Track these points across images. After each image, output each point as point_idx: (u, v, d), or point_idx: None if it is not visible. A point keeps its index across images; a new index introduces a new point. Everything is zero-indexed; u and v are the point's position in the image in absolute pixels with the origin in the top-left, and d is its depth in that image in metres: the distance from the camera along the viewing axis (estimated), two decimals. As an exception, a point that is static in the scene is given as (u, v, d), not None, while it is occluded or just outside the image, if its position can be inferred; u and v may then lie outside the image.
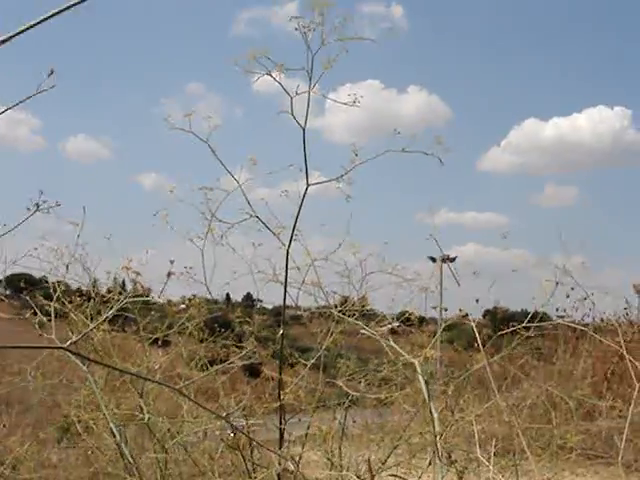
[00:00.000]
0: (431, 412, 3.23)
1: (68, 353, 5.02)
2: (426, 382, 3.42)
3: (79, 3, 1.41)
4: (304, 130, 4.78)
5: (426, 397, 3.27)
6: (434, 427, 3.19)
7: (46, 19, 1.36)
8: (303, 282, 5.54)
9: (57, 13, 1.39)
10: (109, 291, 5.86)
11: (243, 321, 6.25)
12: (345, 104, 4.59)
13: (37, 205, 3.16)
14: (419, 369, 3.43)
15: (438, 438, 3.20)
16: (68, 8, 1.46)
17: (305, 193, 4.98)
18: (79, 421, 6.05)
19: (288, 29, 4.56)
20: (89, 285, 6.10)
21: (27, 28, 1.35)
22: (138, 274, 2.14)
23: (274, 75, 4.50)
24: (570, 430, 6.29)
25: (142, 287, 2.13)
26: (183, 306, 6.69)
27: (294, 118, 4.75)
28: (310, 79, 4.62)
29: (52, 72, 3.00)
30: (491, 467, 3.73)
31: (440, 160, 5.06)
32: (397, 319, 6.50)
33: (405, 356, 3.67)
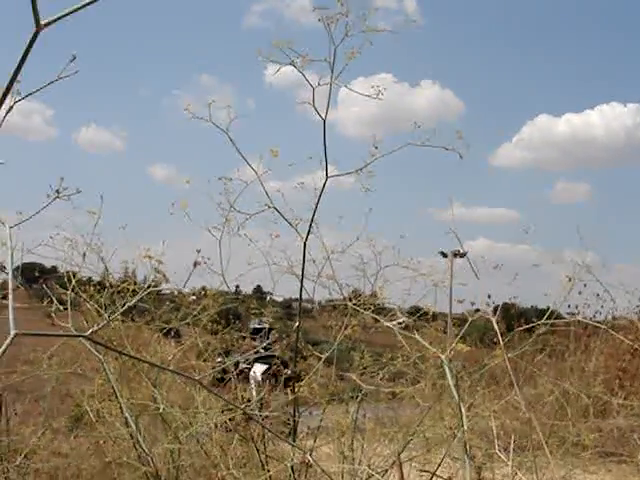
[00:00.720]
0: (460, 408, 3.20)
1: (86, 342, 5.02)
2: (455, 378, 3.39)
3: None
4: (324, 122, 4.75)
5: (455, 394, 3.24)
6: (463, 424, 3.16)
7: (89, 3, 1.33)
8: (319, 275, 5.52)
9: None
10: (124, 281, 5.86)
11: (258, 313, 6.24)
12: (369, 96, 4.55)
13: (57, 192, 3.13)
14: (447, 364, 3.40)
15: (466, 435, 3.17)
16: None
17: (324, 185, 4.95)
18: (92, 411, 6.06)
19: (301, 21, 4.54)
20: (104, 275, 6.10)
21: (70, 12, 1.32)
22: (160, 262, 2.11)
23: (297, 66, 4.46)
24: (585, 427, 6.26)
25: (164, 276, 2.10)
26: (193, 297, 6.69)
27: (315, 109, 4.71)
28: (332, 70, 4.58)
29: (74, 58, 2.98)
30: (509, 463, 3.71)
31: (460, 156, 5.03)
32: (409, 313, 6.47)
33: (433, 350, 3.64)
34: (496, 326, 3.88)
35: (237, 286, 9.01)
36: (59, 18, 1.30)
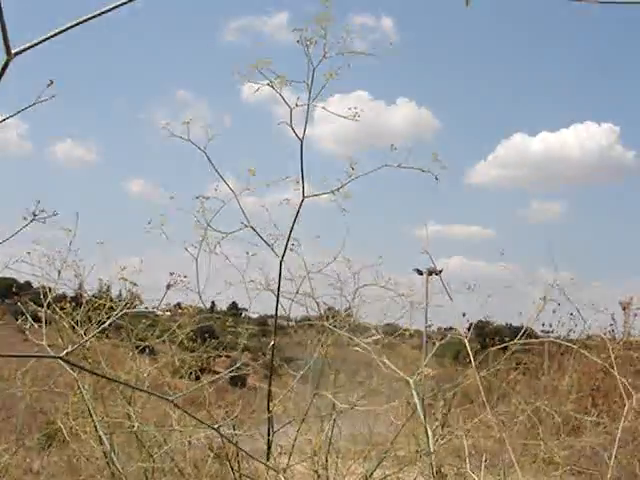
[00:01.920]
0: (426, 431, 3.24)
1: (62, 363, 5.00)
2: (422, 401, 3.44)
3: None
4: (302, 142, 4.81)
5: (421, 416, 3.28)
6: (429, 445, 3.20)
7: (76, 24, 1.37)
8: (297, 292, 5.56)
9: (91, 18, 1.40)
10: (100, 297, 5.85)
11: (234, 331, 6.25)
12: (346, 117, 4.62)
13: (34, 214, 3.14)
14: (414, 387, 3.44)
15: (433, 457, 3.21)
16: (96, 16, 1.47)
17: (301, 205, 5.00)
18: (66, 428, 6.01)
19: (278, 38, 4.61)
20: (79, 291, 6.09)
21: (41, 41, 1.36)
22: (134, 284, 2.13)
23: (275, 87, 4.52)
24: (556, 445, 6.33)
25: (139, 298, 2.12)
26: (168, 313, 6.68)
27: (293, 130, 4.77)
28: (310, 91, 4.65)
29: (51, 82, 3.03)
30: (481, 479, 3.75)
31: (436, 178, 5.10)
32: (385, 333, 6.51)
33: (400, 374, 3.68)
34: (468, 345, 3.94)
35: (213, 303, 8.98)
36: (30, 47, 1.33)
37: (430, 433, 3.26)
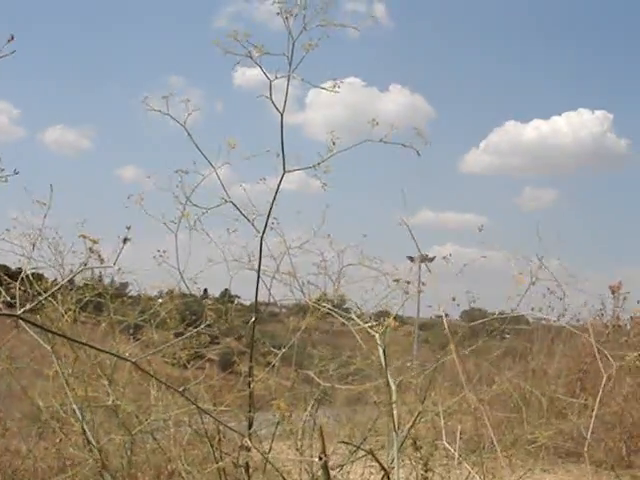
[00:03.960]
0: (387, 381, 3.22)
1: (37, 332, 4.95)
2: (384, 351, 3.41)
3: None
4: (282, 115, 4.75)
5: (385, 371, 3.25)
6: (390, 396, 3.18)
7: None
8: (277, 270, 5.50)
9: None
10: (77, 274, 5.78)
11: (220, 314, 6.17)
12: (325, 89, 4.57)
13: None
14: (379, 340, 3.41)
15: (394, 406, 3.18)
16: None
17: (281, 180, 4.95)
18: (46, 408, 5.97)
19: (270, 24, 4.55)
20: (58, 268, 6.02)
21: None
22: (95, 242, 2.07)
23: (254, 57, 4.46)
24: (540, 426, 6.31)
25: (100, 257, 2.07)
26: (160, 300, 6.62)
27: (272, 102, 4.72)
28: (290, 64, 4.59)
29: (12, 38, 2.96)
30: (456, 455, 3.72)
31: (418, 152, 5.03)
32: (375, 315, 6.45)
33: (367, 328, 3.65)
34: (446, 324, 3.90)
35: (205, 290, 8.92)
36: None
37: (392, 382, 3.24)
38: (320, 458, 3.23)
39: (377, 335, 3.42)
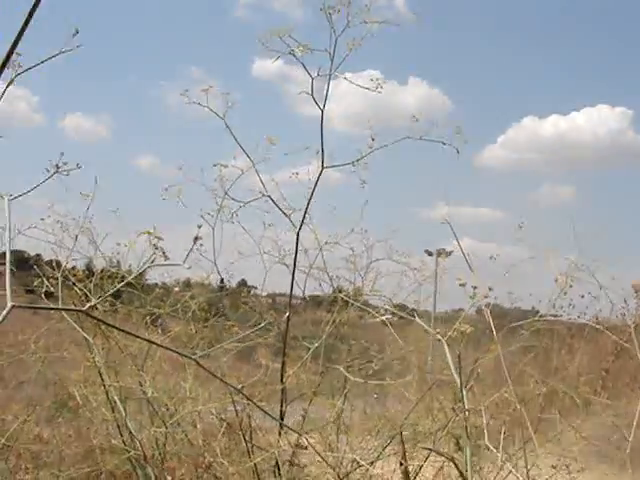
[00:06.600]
0: (461, 388, 3.22)
1: (74, 324, 4.98)
2: (459, 357, 3.39)
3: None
4: (322, 112, 4.74)
5: (456, 377, 3.24)
6: (464, 404, 3.17)
7: None
8: (311, 267, 5.50)
9: None
10: (113, 265, 5.82)
11: (251, 306, 6.19)
12: (368, 89, 4.55)
13: (57, 166, 3.06)
14: (447, 348, 3.40)
15: (467, 414, 3.18)
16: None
17: (319, 176, 4.93)
18: (79, 396, 6.00)
19: (290, 14, 4.54)
20: (91, 259, 6.05)
21: None
22: (160, 238, 2.06)
23: (297, 55, 4.44)
24: (569, 426, 6.29)
25: (164, 253, 2.05)
26: (177, 289, 6.63)
27: (314, 99, 4.71)
28: (332, 61, 4.57)
29: (77, 32, 2.94)
30: (499, 454, 3.72)
31: (457, 150, 5.05)
32: (396, 307, 6.43)
33: (431, 332, 3.64)
34: (490, 319, 3.88)
35: (222, 279, 8.94)
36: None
37: (464, 391, 3.23)
38: (401, 464, 3.22)
39: (444, 341, 3.39)
